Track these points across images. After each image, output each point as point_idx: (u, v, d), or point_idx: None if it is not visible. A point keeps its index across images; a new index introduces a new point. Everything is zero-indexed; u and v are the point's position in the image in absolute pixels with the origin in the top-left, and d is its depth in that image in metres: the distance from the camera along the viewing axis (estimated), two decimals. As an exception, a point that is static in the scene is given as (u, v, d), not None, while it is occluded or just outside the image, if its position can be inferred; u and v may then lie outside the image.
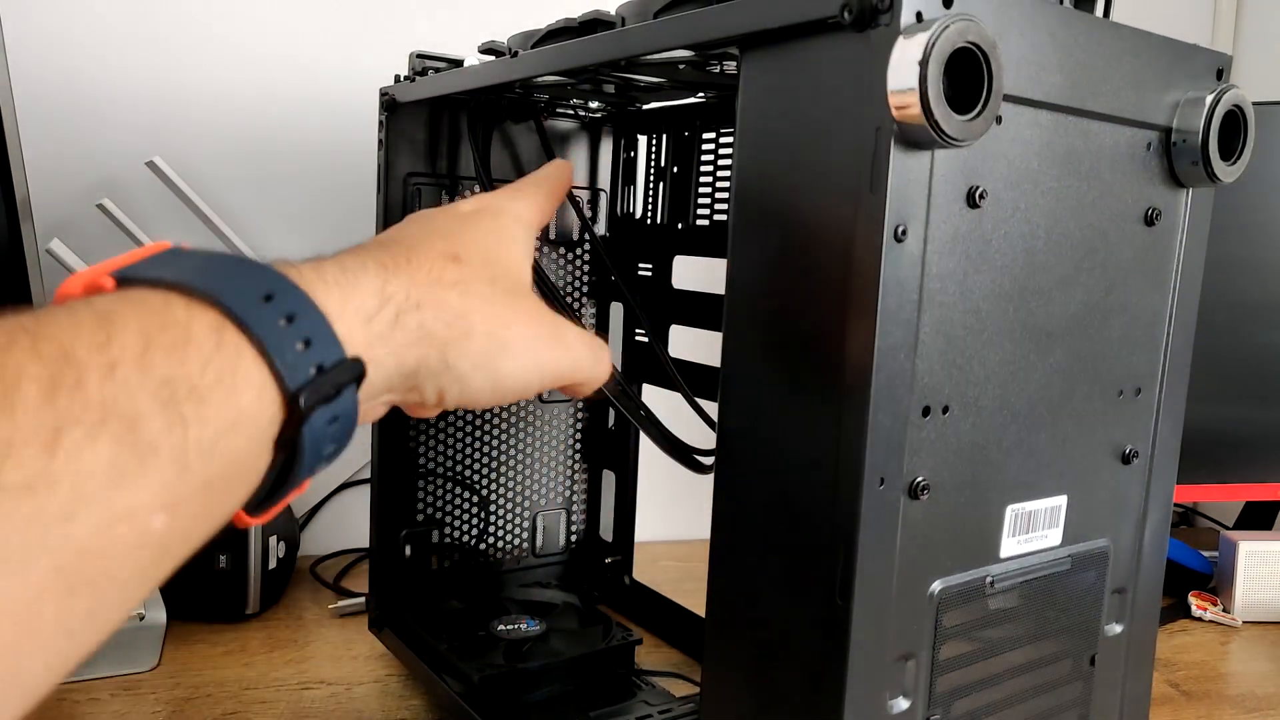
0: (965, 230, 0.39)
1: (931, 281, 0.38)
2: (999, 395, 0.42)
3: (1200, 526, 1.17)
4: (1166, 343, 0.48)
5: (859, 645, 0.38)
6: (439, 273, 0.36)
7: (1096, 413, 0.46)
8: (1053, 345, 0.43)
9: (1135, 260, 0.46)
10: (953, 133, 0.35)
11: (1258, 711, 0.74)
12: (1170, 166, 0.46)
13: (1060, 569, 0.46)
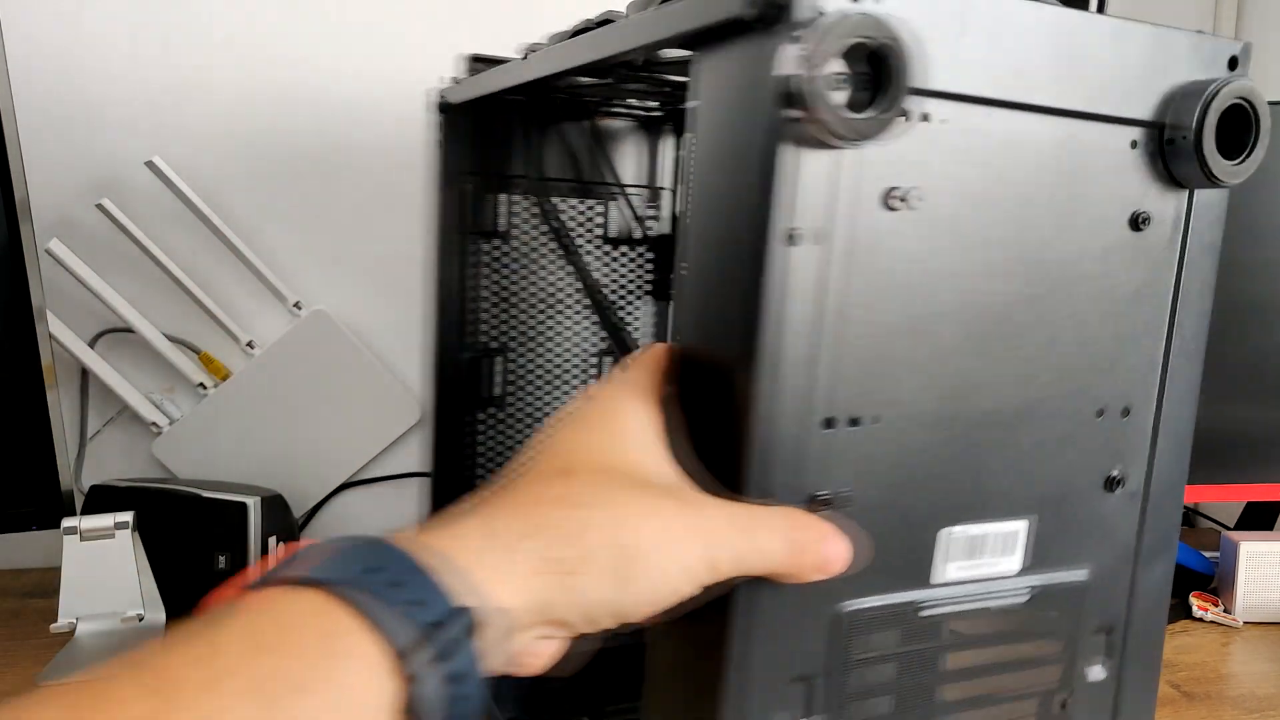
0: (888, 235, 0.37)
1: (840, 288, 0.36)
2: (935, 411, 0.39)
3: (1201, 527, 1.17)
4: (1165, 360, 0.44)
5: (739, 660, 0.37)
6: (542, 491, 0.33)
7: (1068, 433, 0.42)
8: (1009, 358, 0.40)
9: (1119, 268, 0.42)
10: (844, 132, 0.33)
11: (1259, 712, 0.74)
12: (1165, 166, 0.42)
13: (1017, 600, 0.42)
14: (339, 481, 1.03)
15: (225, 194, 0.95)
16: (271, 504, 0.89)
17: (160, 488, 0.87)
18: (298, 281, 0.99)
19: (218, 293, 0.96)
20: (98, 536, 0.81)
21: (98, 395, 0.97)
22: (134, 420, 0.97)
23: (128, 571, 0.81)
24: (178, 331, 0.97)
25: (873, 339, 0.37)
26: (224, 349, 0.98)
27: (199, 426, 0.97)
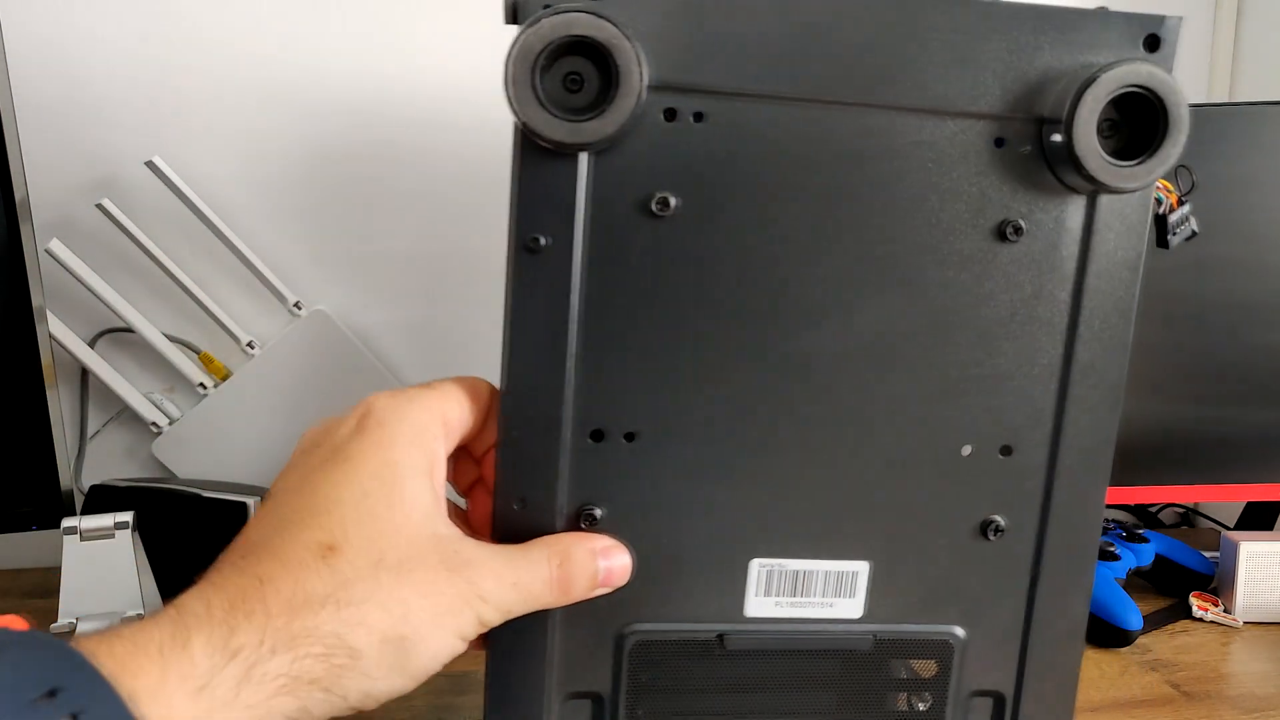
0: (649, 243, 0.35)
1: (594, 297, 0.35)
2: (730, 433, 0.36)
3: (1201, 527, 1.16)
4: (1061, 392, 0.38)
5: (499, 673, 0.37)
6: (305, 587, 0.30)
7: (924, 472, 0.38)
8: (833, 382, 0.37)
9: (984, 285, 0.37)
10: (555, 136, 0.32)
11: (1258, 712, 0.74)
12: (1050, 167, 0.36)
13: (855, 647, 0.39)
14: (339, 481, 1.03)
15: (225, 194, 0.95)
16: (271, 504, 0.89)
17: (160, 487, 0.86)
18: (298, 282, 0.99)
19: (218, 293, 0.96)
20: (98, 536, 0.81)
21: (98, 395, 0.97)
22: (134, 420, 0.97)
23: (128, 571, 0.81)
24: (178, 331, 0.97)
25: (635, 352, 0.35)
26: (224, 349, 0.98)
27: (199, 426, 0.97)
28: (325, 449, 0.35)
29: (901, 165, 0.36)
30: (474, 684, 0.74)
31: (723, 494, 0.37)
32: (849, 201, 0.36)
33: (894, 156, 0.36)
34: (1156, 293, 0.80)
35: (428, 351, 1.03)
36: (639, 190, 0.35)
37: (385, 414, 0.35)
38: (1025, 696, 0.40)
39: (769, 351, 0.37)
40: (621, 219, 0.35)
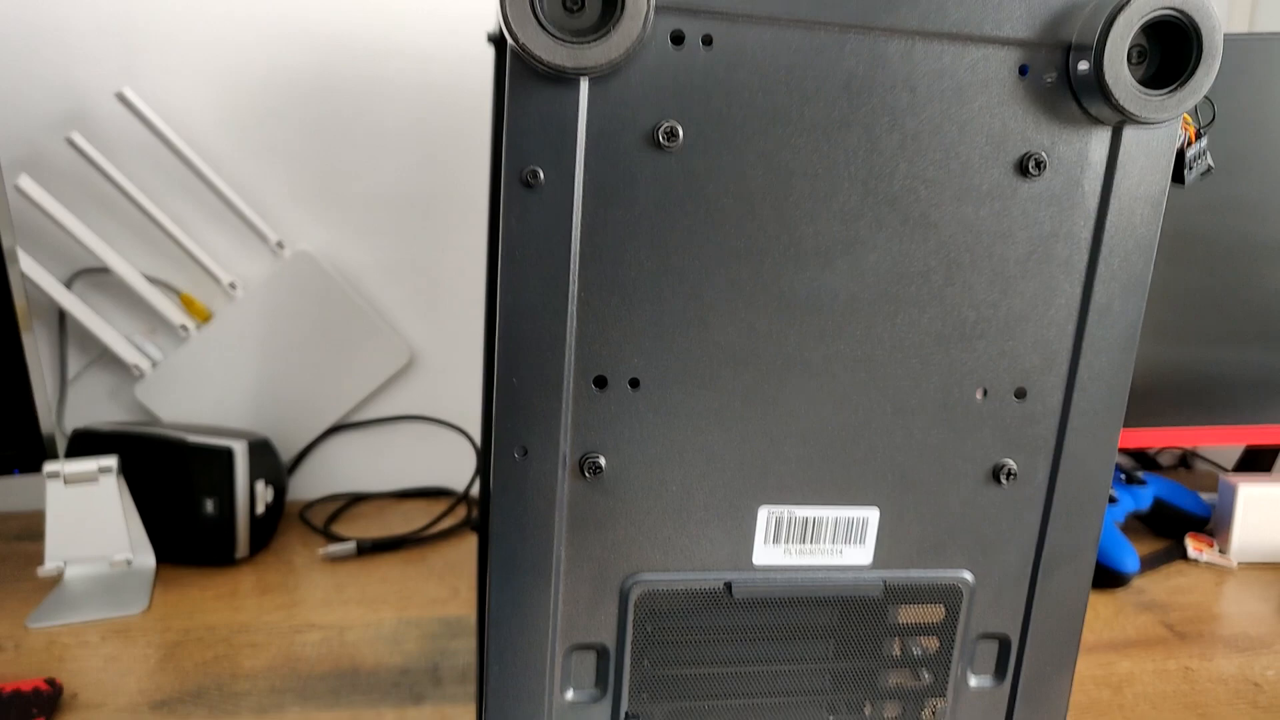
0: (653, 178, 0.33)
1: (595, 235, 0.33)
2: (736, 378, 0.35)
3: (1198, 470, 1.16)
4: (1078, 334, 0.37)
5: (499, 624, 0.36)
6: None
7: (936, 416, 0.37)
8: (843, 324, 0.35)
9: (1002, 223, 0.36)
10: (555, 60, 0.30)
11: (1250, 651, 0.74)
12: (1076, 97, 0.35)
13: (865, 594, 0.38)
14: (327, 425, 1.01)
15: (202, 129, 0.92)
16: (259, 448, 0.87)
17: (144, 432, 0.85)
18: (280, 221, 0.96)
19: (198, 232, 0.94)
20: (81, 481, 0.79)
21: (76, 338, 0.94)
22: (115, 363, 0.95)
23: (114, 516, 0.80)
24: (157, 272, 0.94)
25: (639, 293, 0.34)
26: (205, 290, 0.95)
27: (182, 369, 0.95)
28: None
29: (919, 96, 0.34)
30: (467, 628, 0.73)
31: (730, 440, 0.36)
32: (862, 134, 0.34)
33: (911, 86, 0.34)
34: (1162, 230, 0.78)
35: (414, 292, 1.01)
36: (643, 120, 0.33)
37: None
38: (1031, 639, 0.40)
39: (777, 293, 0.35)
40: (624, 151, 0.33)
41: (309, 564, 0.86)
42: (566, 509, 0.36)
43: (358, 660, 0.69)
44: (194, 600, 0.78)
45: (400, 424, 1.04)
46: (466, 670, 0.67)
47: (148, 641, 0.71)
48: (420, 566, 0.87)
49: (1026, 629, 0.40)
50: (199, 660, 0.68)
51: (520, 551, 0.36)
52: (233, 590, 0.80)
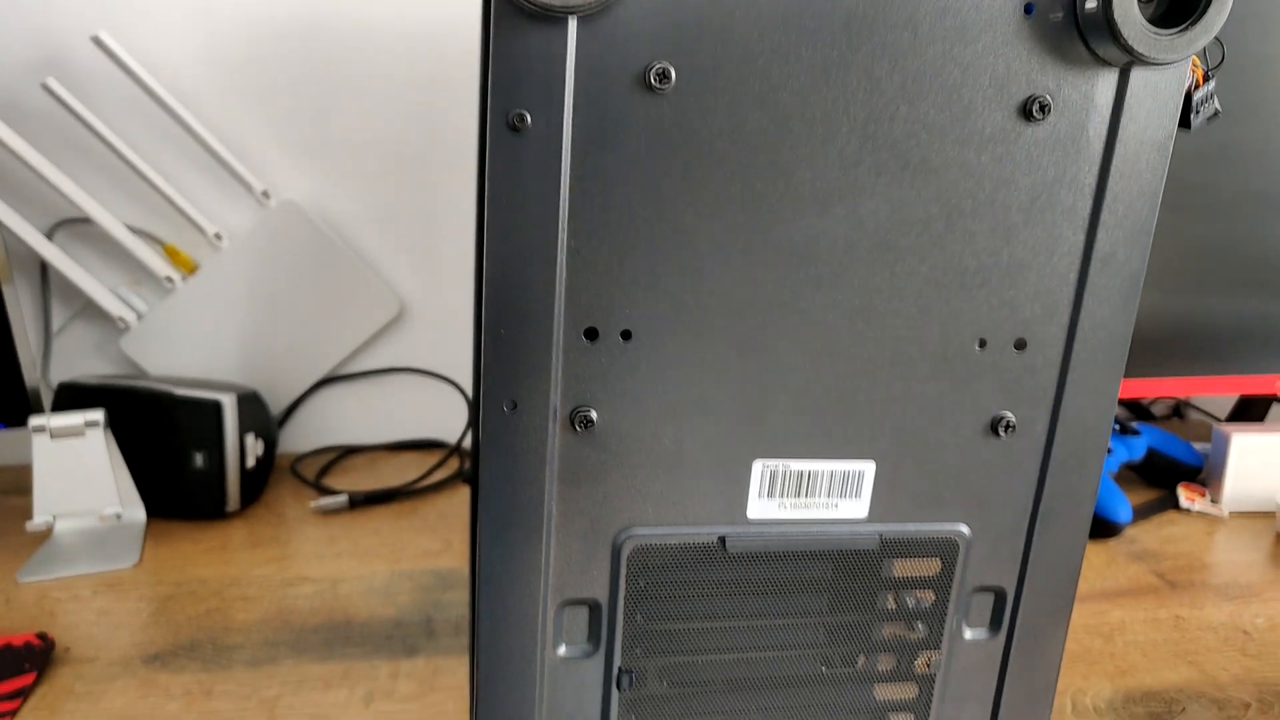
0: (646, 120, 0.32)
1: (584, 181, 0.32)
2: (731, 329, 0.34)
3: (1191, 420, 1.17)
4: (1080, 283, 0.36)
5: (491, 579, 0.36)
6: None
7: (935, 367, 0.36)
8: (841, 272, 0.35)
9: (1005, 168, 0.35)
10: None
11: (1240, 599, 0.74)
12: (1083, 37, 0.34)
13: (860, 548, 0.38)
14: (317, 377, 1.00)
15: (182, 74, 0.90)
16: (248, 401, 0.86)
17: (131, 385, 0.84)
18: (265, 169, 0.94)
19: (181, 182, 0.92)
20: (68, 435, 0.78)
21: (60, 290, 0.93)
22: (100, 316, 0.94)
23: (101, 470, 0.80)
24: (140, 223, 0.92)
25: (633, 242, 0.33)
26: (190, 241, 0.94)
27: (168, 322, 0.94)
28: None
29: (921, 36, 0.33)
30: (460, 580, 0.73)
31: (724, 393, 0.35)
32: (862, 76, 0.33)
33: (913, 26, 0.33)
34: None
35: (404, 242, 0.99)
36: (634, 61, 0.31)
37: None
38: (1027, 592, 0.40)
39: (773, 240, 0.34)
40: (614, 94, 0.32)
41: (300, 517, 0.86)
42: (557, 463, 0.35)
43: (350, 613, 0.68)
44: (185, 554, 0.78)
45: (391, 376, 1.03)
46: (460, 622, 0.67)
47: (139, 595, 0.71)
48: (413, 519, 0.86)
49: (1022, 581, 0.40)
50: (191, 614, 0.68)
51: (510, 506, 0.35)
52: (224, 544, 0.80)
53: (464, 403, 1.04)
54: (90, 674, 0.60)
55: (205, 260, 0.94)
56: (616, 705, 0.38)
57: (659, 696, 0.38)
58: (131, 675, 0.60)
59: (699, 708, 0.38)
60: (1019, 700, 0.41)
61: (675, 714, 0.38)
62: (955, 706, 0.40)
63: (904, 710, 0.40)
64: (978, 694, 0.40)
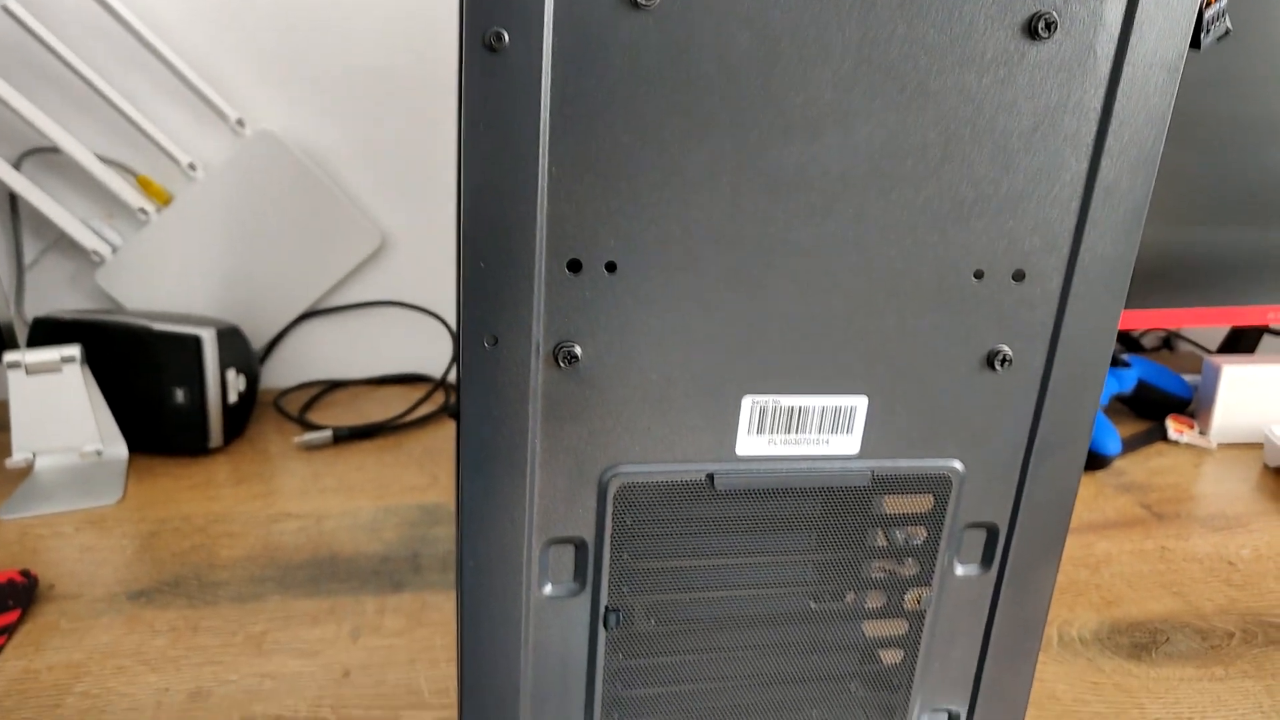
0: (629, 40, 0.30)
1: (566, 105, 0.31)
2: (720, 261, 0.33)
3: (1181, 351, 1.16)
4: (1082, 213, 0.35)
5: (473, 517, 0.35)
6: None
7: (930, 298, 0.35)
8: (833, 202, 0.33)
9: (1007, 93, 0.33)
10: None
11: (1226, 530, 0.75)
12: None
13: (851, 484, 0.37)
14: (298, 311, 0.99)
15: (150, -4, 0.86)
16: (228, 336, 0.85)
17: (107, 320, 0.82)
18: (239, 97, 0.91)
19: (150, 110, 0.89)
20: (44, 371, 0.77)
21: (31, 222, 0.90)
22: (73, 249, 0.91)
23: (80, 406, 0.78)
24: (112, 153, 0.89)
25: (617, 169, 0.31)
26: (163, 171, 0.91)
27: (144, 255, 0.92)
28: None
29: None
30: (446, 516, 0.73)
31: (713, 327, 0.34)
32: None
33: None
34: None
35: (385, 173, 0.97)
36: None
37: None
38: (1019, 528, 0.39)
39: (763, 168, 0.32)
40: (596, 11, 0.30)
41: (285, 453, 0.85)
42: (540, 399, 0.34)
43: (336, 549, 0.68)
44: (168, 490, 0.77)
45: (374, 310, 1.02)
46: (447, 558, 0.67)
47: (123, 532, 0.70)
48: (398, 454, 0.86)
49: (1015, 517, 0.39)
50: (176, 550, 0.68)
51: (493, 444, 0.34)
52: (208, 480, 0.79)
53: (449, 336, 1.03)
54: (75, 610, 0.60)
55: (180, 192, 0.91)
56: (603, 644, 0.37)
57: (646, 635, 0.38)
58: (117, 611, 0.60)
59: (687, 645, 0.38)
60: (1009, 635, 0.41)
61: (663, 652, 0.38)
62: (945, 642, 0.40)
63: (893, 646, 0.39)
64: (967, 629, 0.40)
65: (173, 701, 0.51)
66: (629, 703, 0.38)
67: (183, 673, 0.54)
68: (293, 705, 0.51)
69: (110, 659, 0.55)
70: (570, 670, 0.38)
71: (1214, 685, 0.56)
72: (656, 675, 0.38)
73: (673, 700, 0.39)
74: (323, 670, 0.54)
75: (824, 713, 0.40)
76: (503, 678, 0.37)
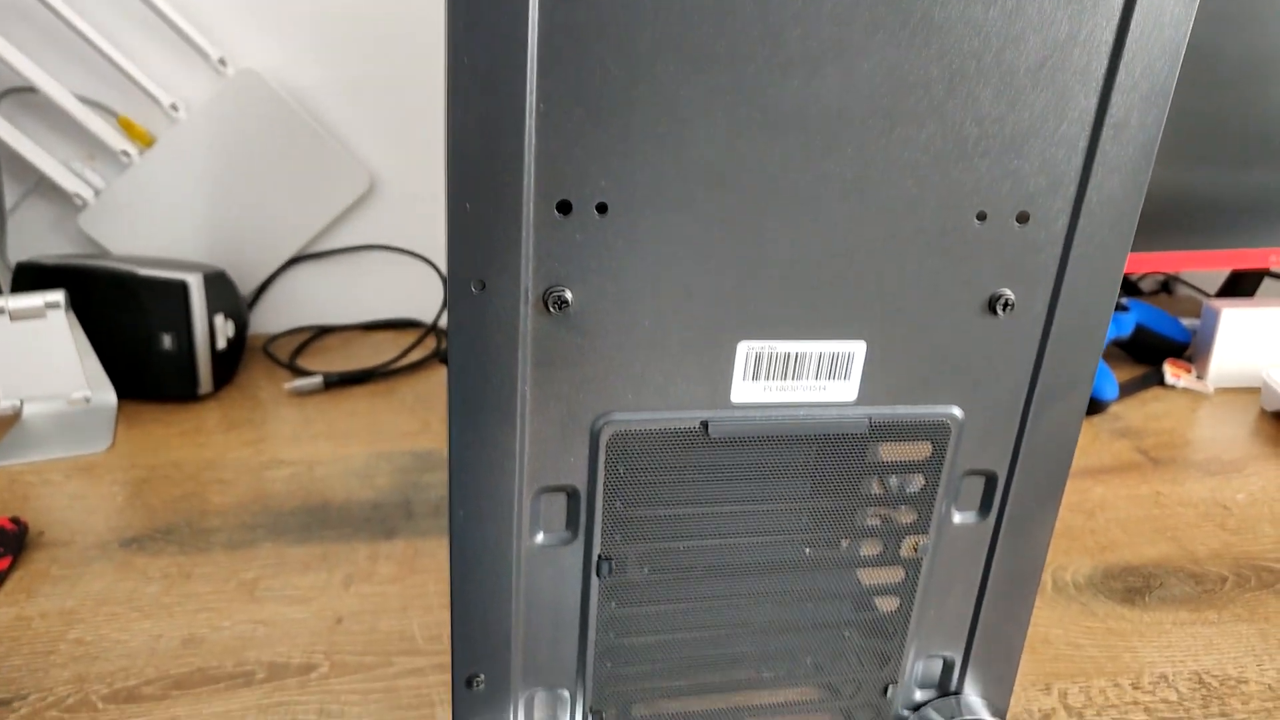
0: None
1: (554, 38, 0.29)
2: (715, 202, 0.32)
3: (1180, 295, 1.15)
4: (1090, 152, 0.34)
5: (464, 465, 0.34)
6: None
7: (931, 240, 0.34)
8: (832, 140, 0.32)
9: (1015, 25, 0.32)
10: None
11: (1221, 475, 0.75)
12: None
13: (849, 431, 0.36)
14: (287, 256, 0.97)
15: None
16: (215, 281, 0.83)
17: (92, 265, 0.81)
18: (220, 35, 0.88)
19: (130, 48, 0.86)
20: (28, 317, 0.76)
21: (10, 165, 0.88)
22: (55, 192, 0.89)
23: (66, 352, 0.77)
24: (91, 93, 0.87)
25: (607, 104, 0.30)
26: (145, 112, 0.89)
27: (127, 198, 0.90)
28: None
29: None
30: (439, 462, 0.72)
31: (707, 270, 0.33)
32: None
33: None
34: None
35: (373, 113, 0.94)
36: None
37: None
38: (1019, 475, 0.39)
39: (760, 105, 0.31)
40: None
41: (275, 399, 0.85)
42: (531, 346, 0.33)
43: (328, 495, 0.68)
44: (159, 437, 0.76)
45: (364, 254, 1.00)
46: (439, 504, 0.66)
47: (113, 479, 0.70)
48: (390, 399, 0.85)
49: (1014, 465, 0.38)
50: (167, 497, 0.67)
51: (482, 392, 0.33)
52: (198, 427, 0.79)
53: (440, 281, 1.02)
54: (66, 558, 0.60)
55: (162, 133, 0.89)
56: (596, 592, 0.37)
57: (640, 583, 0.37)
58: (109, 559, 0.60)
59: (681, 594, 0.38)
60: (1006, 583, 0.40)
61: (656, 600, 0.38)
62: (941, 590, 0.40)
63: (889, 594, 0.39)
64: (964, 577, 0.40)
65: (166, 648, 0.51)
66: (622, 651, 0.38)
67: (175, 619, 0.54)
68: (285, 652, 0.51)
69: (103, 606, 0.55)
70: (563, 618, 0.38)
71: (1206, 629, 0.56)
72: (650, 623, 0.38)
73: (666, 648, 0.39)
74: (315, 617, 0.54)
75: (819, 660, 0.40)
76: (495, 626, 0.37)
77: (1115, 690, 0.51)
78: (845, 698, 0.41)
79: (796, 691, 0.40)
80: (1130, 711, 0.49)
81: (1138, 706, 0.50)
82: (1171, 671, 0.52)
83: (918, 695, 0.42)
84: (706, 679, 0.39)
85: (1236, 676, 0.52)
